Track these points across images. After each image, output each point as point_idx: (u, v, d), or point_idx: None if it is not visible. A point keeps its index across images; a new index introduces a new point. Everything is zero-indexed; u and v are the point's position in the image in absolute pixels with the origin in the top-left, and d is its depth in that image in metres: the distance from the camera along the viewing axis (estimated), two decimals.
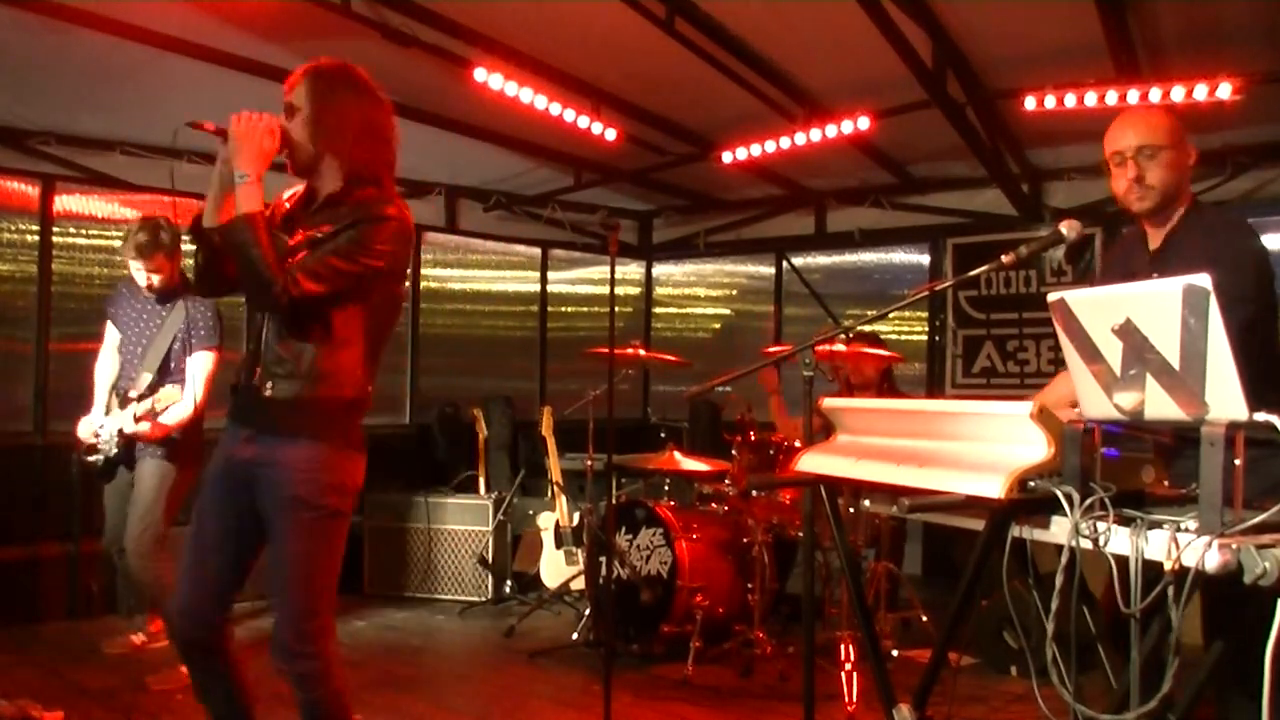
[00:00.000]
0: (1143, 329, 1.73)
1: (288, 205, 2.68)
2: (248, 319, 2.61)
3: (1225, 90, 4.66)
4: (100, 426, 4.25)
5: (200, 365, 4.19)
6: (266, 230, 2.44)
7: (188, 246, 2.80)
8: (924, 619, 4.96)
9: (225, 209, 2.50)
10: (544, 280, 8.16)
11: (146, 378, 4.21)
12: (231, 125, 2.53)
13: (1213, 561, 1.53)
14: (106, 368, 4.39)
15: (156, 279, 4.20)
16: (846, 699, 3.91)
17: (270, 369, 2.50)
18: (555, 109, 5.40)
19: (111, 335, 4.40)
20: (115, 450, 4.22)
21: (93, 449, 4.26)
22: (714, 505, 5.08)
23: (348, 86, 2.60)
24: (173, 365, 4.25)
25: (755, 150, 6.02)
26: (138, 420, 4.12)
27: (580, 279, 8.44)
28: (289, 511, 2.44)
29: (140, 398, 4.17)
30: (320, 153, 2.57)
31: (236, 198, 2.46)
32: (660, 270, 8.81)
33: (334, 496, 2.49)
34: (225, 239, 2.47)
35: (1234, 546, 1.53)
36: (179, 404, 4.13)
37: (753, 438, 4.88)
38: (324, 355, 2.50)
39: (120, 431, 4.18)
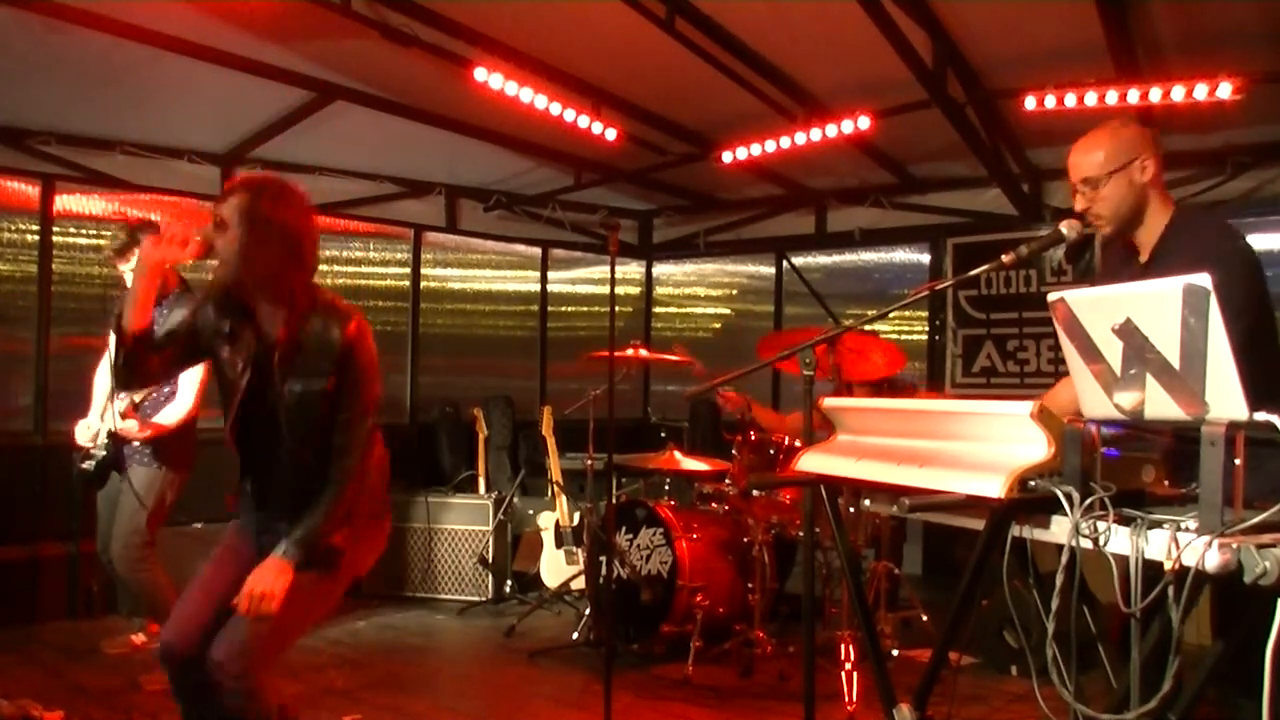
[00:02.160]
0: (1143, 329, 1.73)
1: (222, 322, 2.72)
2: (261, 446, 2.74)
3: (1225, 90, 4.65)
4: (97, 432, 4.26)
5: (192, 373, 4.19)
6: (323, 516, 2.64)
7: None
8: (924, 619, 4.96)
9: (146, 307, 2.62)
10: (544, 280, 8.16)
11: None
12: (164, 229, 2.63)
13: (1213, 561, 1.53)
14: (105, 377, 4.38)
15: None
16: (846, 699, 3.91)
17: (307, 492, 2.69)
18: (555, 109, 5.40)
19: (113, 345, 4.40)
20: (105, 452, 4.23)
21: (87, 454, 4.28)
22: (714, 505, 5.07)
23: (284, 206, 2.64)
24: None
25: (755, 150, 6.02)
26: (124, 416, 4.11)
27: (580, 279, 8.44)
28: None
29: (135, 405, 4.18)
30: (253, 277, 2.64)
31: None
32: (660, 270, 8.81)
33: (348, 560, 2.75)
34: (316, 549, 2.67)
35: (1234, 546, 1.53)
36: (171, 405, 4.13)
37: (753, 438, 4.88)
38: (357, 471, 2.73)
39: (111, 433, 4.19)
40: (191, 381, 4.19)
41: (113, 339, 2.61)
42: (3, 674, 4.21)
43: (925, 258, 7.39)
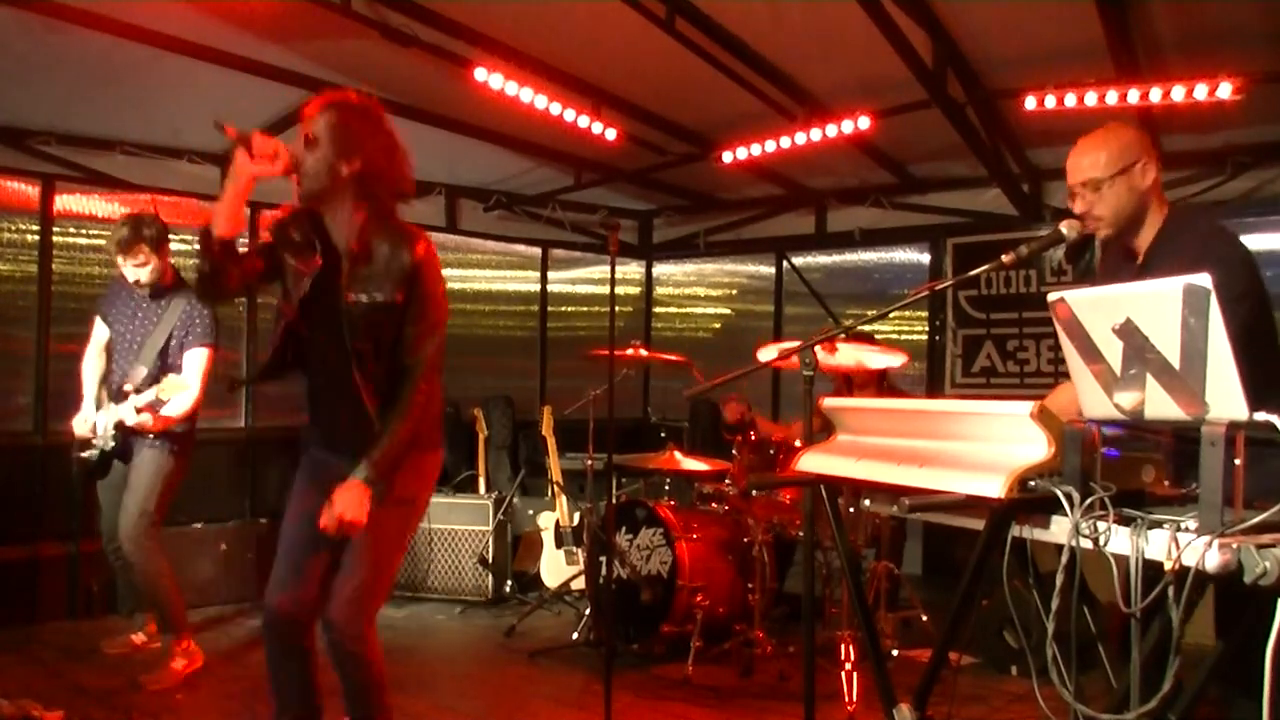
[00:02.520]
0: (1143, 329, 1.73)
1: (295, 234, 2.81)
2: (320, 366, 2.80)
3: (1225, 90, 4.65)
4: (95, 422, 4.24)
5: (196, 362, 4.19)
6: (395, 438, 2.67)
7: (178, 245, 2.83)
8: (924, 618, 4.96)
9: (235, 217, 2.67)
10: (544, 280, 8.16)
11: (142, 371, 4.18)
12: (256, 140, 2.63)
13: (1213, 561, 1.53)
14: (93, 365, 4.38)
15: (144, 274, 4.17)
16: (846, 699, 3.91)
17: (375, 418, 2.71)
18: (555, 109, 5.40)
19: (100, 333, 4.39)
20: (112, 444, 4.21)
21: (87, 444, 4.25)
22: (714, 505, 5.07)
23: (370, 125, 2.73)
24: (169, 361, 4.23)
25: (755, 150, 6.02)
26: (139, 412, 4.11)
27: (580, 279, 8.44)
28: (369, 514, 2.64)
29: (137, 390, 4.15)
30: (335, 192, 2.69)
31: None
32: (660, 270, 8.81)
33: (413, 490, 2.81)
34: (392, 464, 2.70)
35: (1234, 546, 1.53)
36: (184, 393, 4.12)
37: (753, 438, 4.88)
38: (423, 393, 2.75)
39: (120, 424, 4.17)
40: (197, 370, 4.19)
41: (198, 247, 2.68)
42: (3, 674, 4.21)
43: (925, 258, 7.39)
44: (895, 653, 4.65)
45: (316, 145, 2.66)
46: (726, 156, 6.18)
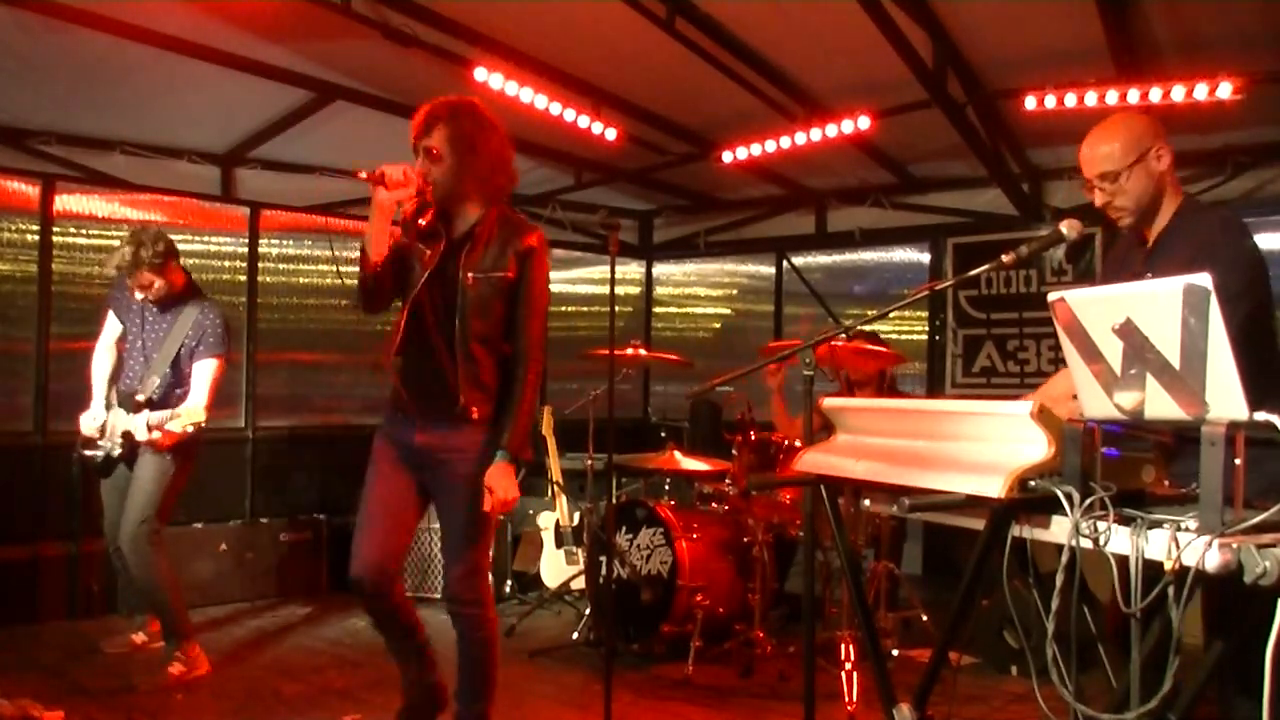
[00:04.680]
0: (1143, 328, 1.73)
1: (421, 222, 3.05)
2: (423, 345, 2.99)
3: (1225, 90, 4.66)
4: (104, 423, 4.20)
5: (207, 372, 4.18)
6: (522, 414, 2.97)
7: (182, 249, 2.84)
8: (924, 618, 4.96)
9: (383, 242, 2.94)
10: None
11: (155, 381, 4.17)
12: (389, 174, 2.88)
13: (1213, 561, 1.53)
14: (104, 360, 4.33)
15: (151, 294, 4.15)
16: (846, 699, 3.91)
17: (472, 393, 2.96)
18: (555, 109, 5.40)
19: (111, 327, 4.35)
20: (119, 450, 4.19)
21: (93, 443, 4.22)
22: (714, 505, 5.07)
23: (483, 127, 3.00)
24: (181, 369, 4.22)
25: (755, 150, 6.02)
26: (151, 430, 4.08)
27: (580, 279, 8.43)
28: (468, 486, 2.92)
29: (149, 401, 4.14)
30: (462, 194, 2.99)
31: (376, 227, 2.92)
32: (660, 270, 8.81)
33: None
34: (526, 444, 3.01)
35: (1234, 546, 1.53)
36: (198, 423, 4.09)
37: (753, 437, 4.88)
38: (499, 380, 3.02)
39: (127, 435, 4.14)
40: (206, 380, 4.17)
41: (359, 270, 2.96)
42: (3, 674, 4.20)
43: (925, 258, 7.39)
44: (895, 653, 4.64)
45: (441, 160, 2.92)
46: (726, 156, 6.18)
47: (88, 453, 4.24)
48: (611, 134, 5.71)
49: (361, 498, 3.04)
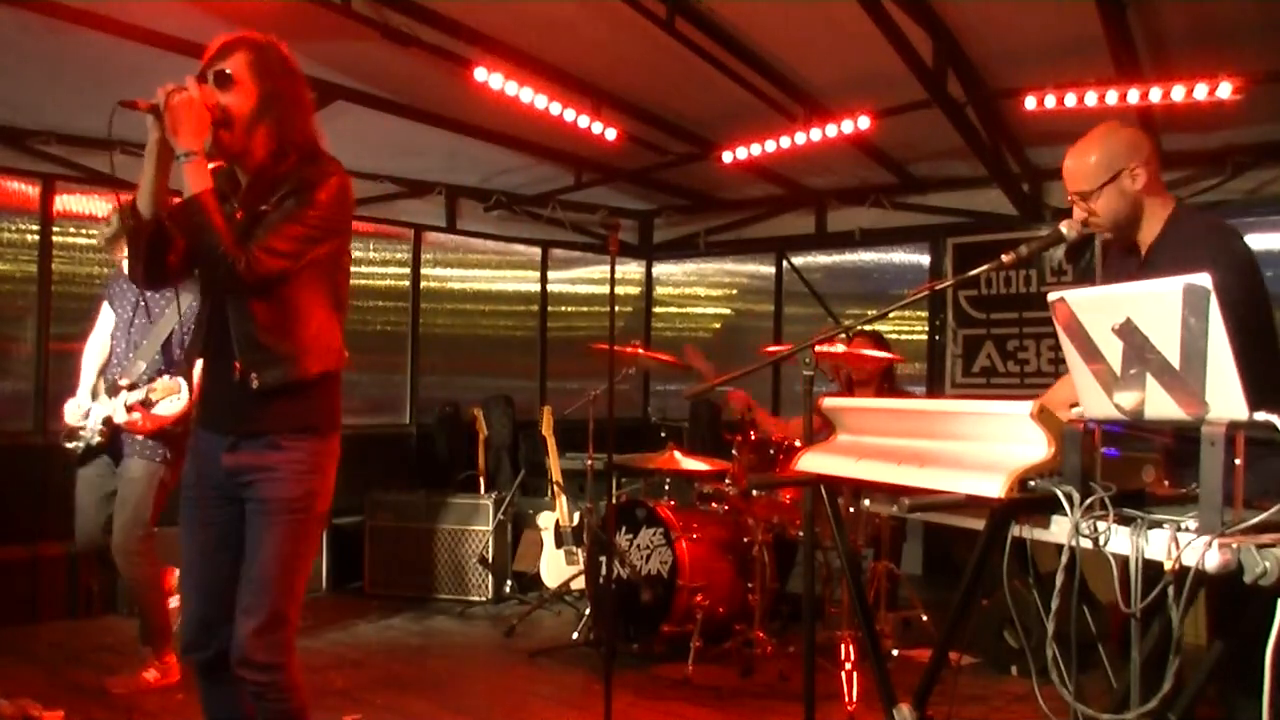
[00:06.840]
0: (1143, 329, 1.73)
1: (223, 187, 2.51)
2: (202, 313, 2.48)
3: (1225, 90, 4.65)
4: (87, 412, 4.12)
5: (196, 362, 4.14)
6: (219, 209, 2.31)
7: None
8: (924, 618, 4.96)
9: (160, 192, 2.38)
10: (544, 280, 8.16)
11: (141, 366, 4.07)
12: (165, 100, 2.38)
13: (1213, 561, 1.53)
14: (95, 351, 4.27)
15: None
16: (846, 699, 3.91)
17: (250, 358, 2.34)
18: (555, 108, 5.39)
19: (105, 318, 4.30)
20: (97, 438, 4.09)
21: (75, 434, 4.14)
22: (714, 505, 5.07)
23: (284, 62, 2.59)
24: (172, 356, 4.13)
25: (755, 150, 6.02)
26: (130, 410, 4.00)
27: (580, 278, 8.44)
28: (277, 514, 2.33)
29: (132, 386, 4.04)
30: (259, 127, 2.45)
31: (184, 176, 2.32)
32: (660, 270, 8.81)
33: (319, 498, 2.42)
34: (179, 223, 2.34)
35: (1234, 546, 1.53)
36: (176, 395, 3.99)
37: (753, 437, 4.88)
38: (300, 329, 2.39)
39: (108, 420, 4.05)
40: (195, 370, 4.12)
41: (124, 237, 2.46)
42: (3, 674, 4.20)
43: (925, 258, 7.39)
44: (895, 653, 4.64)
45: (235, 85, 2.45)
46: (727, 156, 6.18)
47: (69, 444, 4.15)
48: (611, 134, 5.70)
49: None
